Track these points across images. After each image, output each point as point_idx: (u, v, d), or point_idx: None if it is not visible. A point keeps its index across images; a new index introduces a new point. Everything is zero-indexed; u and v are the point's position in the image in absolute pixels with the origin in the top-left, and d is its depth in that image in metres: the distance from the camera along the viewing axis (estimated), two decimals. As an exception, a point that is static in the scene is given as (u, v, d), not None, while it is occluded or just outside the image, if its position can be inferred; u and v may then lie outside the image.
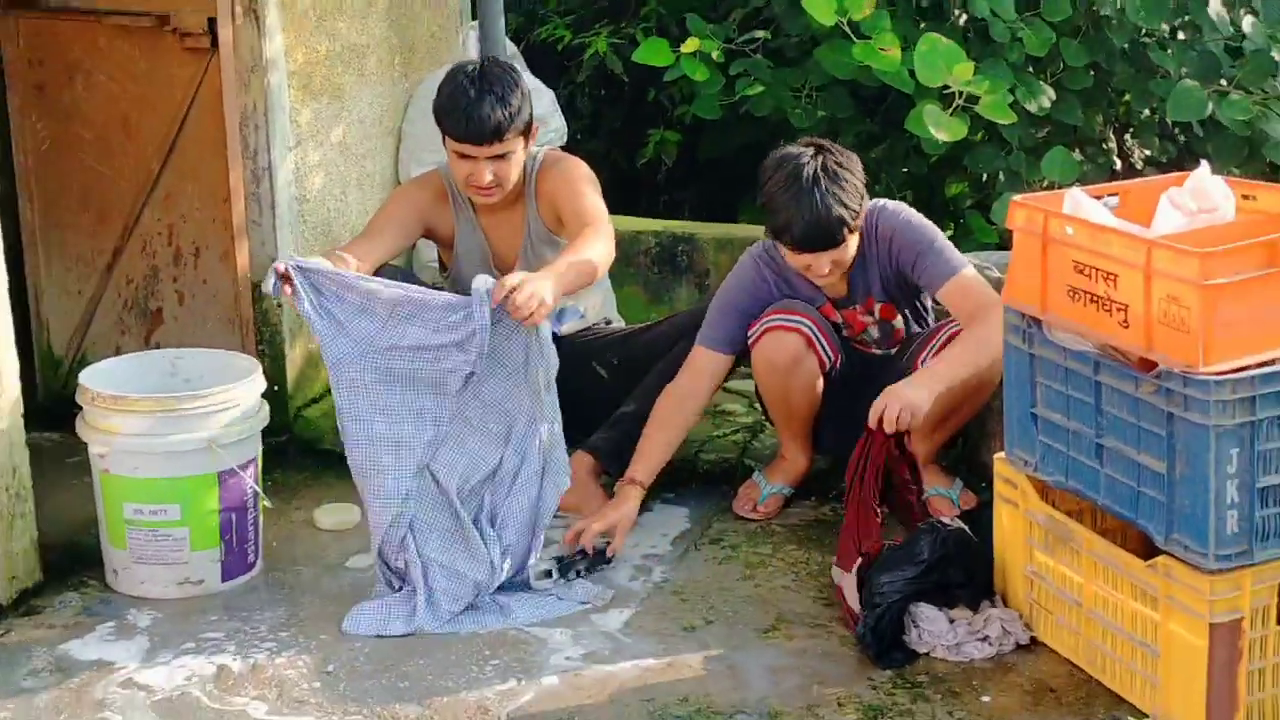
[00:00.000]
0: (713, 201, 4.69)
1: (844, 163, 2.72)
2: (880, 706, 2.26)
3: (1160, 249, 2.09)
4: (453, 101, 2.84)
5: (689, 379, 2.90)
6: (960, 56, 3.42)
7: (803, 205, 2.67)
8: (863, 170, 2.77)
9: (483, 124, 2.82)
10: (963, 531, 2.50)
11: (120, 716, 2.28)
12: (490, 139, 2.84)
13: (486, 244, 3.07)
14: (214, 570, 2.67)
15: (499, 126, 2.83)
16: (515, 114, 2.84)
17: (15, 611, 2.59)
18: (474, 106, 2.82)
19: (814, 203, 2.66)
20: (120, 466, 2.61)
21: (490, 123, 2.82)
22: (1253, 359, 2.05)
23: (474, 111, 2.81)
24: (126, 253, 3.38)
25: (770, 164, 2.76)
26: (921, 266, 2.78)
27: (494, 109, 2.81)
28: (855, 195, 2.71)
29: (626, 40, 4.44)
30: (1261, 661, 2.14)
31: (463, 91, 2.83)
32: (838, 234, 2.69)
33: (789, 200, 2.68)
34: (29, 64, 3.35)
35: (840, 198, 2.67)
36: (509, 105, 2.83)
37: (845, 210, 2.68)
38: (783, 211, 2.69)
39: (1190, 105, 3.58)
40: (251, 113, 3.20)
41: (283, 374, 3.32)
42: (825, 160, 2.71)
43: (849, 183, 2.70)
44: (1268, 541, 2.10)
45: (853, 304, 2.92)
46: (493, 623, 2.53)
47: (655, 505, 3.02)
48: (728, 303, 2.92)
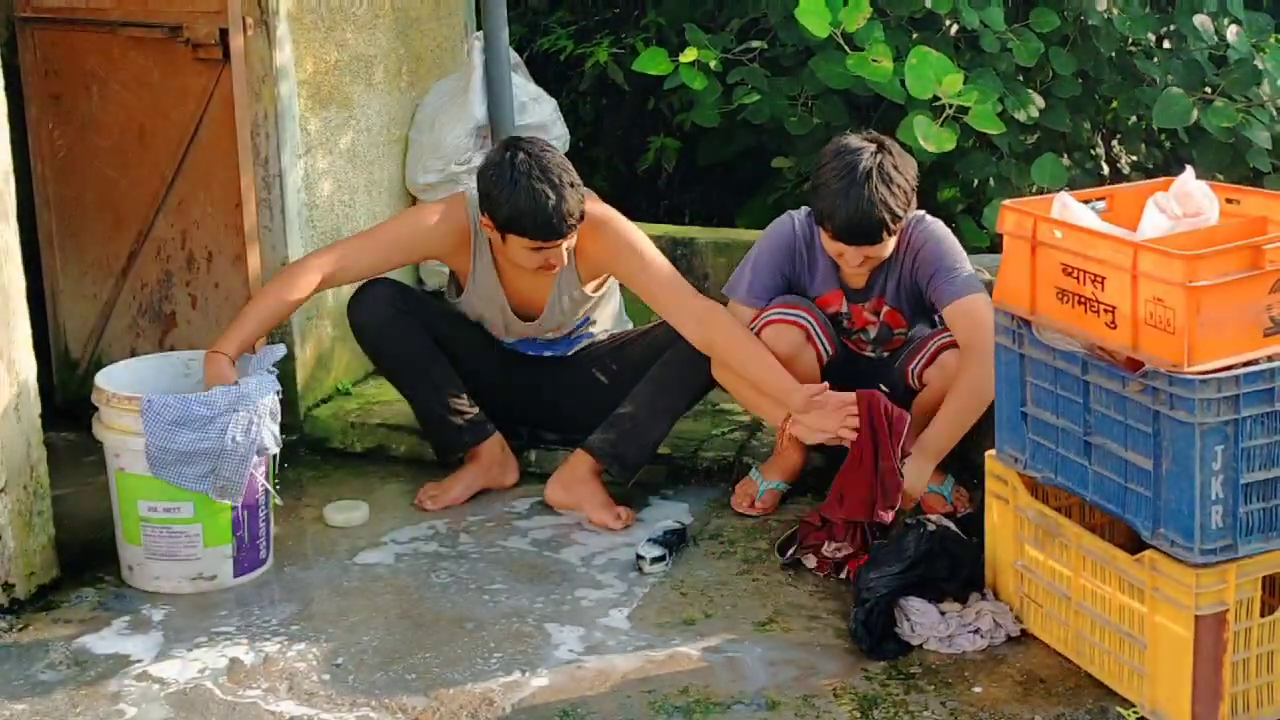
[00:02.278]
0: (711, 206, 4.74)
1: (900, 165, 2.73)
2: (875, 697, 2.30)
3: (1146, 252, 2.11)
4: (534, 204, 2.74)
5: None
6: (950, 69, 3.45)
7: (850, 198, 2.68)
8: (916, 175, 2.79)
9: (560, 220, 2.76)
10: (947, 528, 2.54)
11: (135, 709, 2.30)
12: (567, 233, 2.79)
13: (502, 290, 3.02)
14: (226, 566, 2.71)
15: (568, 220, 2.77)
16: (580, 207, 2.79)
17: (33, 606, 2.62)
18: (560, 204, 2.74)
19: (861, 198, 2.67)
20: (135, 465, 2.64)
21: (565, 218, 2.76)
22: (1236, 358, 2.08)
23: (560, 208, 2.74)
24: (141, 258, 3.41)
25: (830, 150, 2.77)
26: (936, 283, 2.79)
27: (563, 203, 2.74)
28: (903, 200, 2.72)
29: (627, 50, 4.48)
30: (1246, 652, 2.16)
31: (540, 194, 2.73)
32: (878, 233, 2.71)
33: (839, 190, 2.69)
34: (45, 74, 3.38)
35: (888, 200, 2.69)
36: (578, 187, 2.79)
37: (889, 213, 2.70)
38: (830, 199, 2.70)
39: (1176, 112, 3.62)
40: (262, 121, 3.24)
41: (293, 375, 3.35)
42: (883, 160, 2.71)
43: (899, 187, 2.71)
44: (1251, 536, 2.12)
45: (864, 300, 2.93)
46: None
47: (655, 501, 3.07)
48: (766, 260, 2.90)
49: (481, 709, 2.29)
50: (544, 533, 2.94)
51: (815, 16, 3.51)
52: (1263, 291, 2.10)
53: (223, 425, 2.58)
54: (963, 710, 2.26)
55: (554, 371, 3.18)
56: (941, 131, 3.46)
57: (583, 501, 2.98)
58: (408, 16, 3.76)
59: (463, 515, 3.02)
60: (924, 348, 2.86)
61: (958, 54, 3.78)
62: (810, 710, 2.27)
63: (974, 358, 2.69)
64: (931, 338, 2.87)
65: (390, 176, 3.73)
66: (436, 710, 2.28)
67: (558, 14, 4.94)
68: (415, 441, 3.29)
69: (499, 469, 3.12)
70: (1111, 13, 3.82)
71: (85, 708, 2.31)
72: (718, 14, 4.40)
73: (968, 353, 2.72)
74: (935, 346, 2.84)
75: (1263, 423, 2.10)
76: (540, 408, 3.21)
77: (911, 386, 2.89)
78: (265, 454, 2.68)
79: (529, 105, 3.77)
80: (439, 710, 2.28)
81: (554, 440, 3.24)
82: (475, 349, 3.13)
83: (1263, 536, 2.14)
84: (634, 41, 4.45)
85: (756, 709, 2.27)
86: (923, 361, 2.86)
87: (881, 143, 2.77)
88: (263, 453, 2.66)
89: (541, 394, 3.18)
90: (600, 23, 4.80)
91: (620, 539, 2.89)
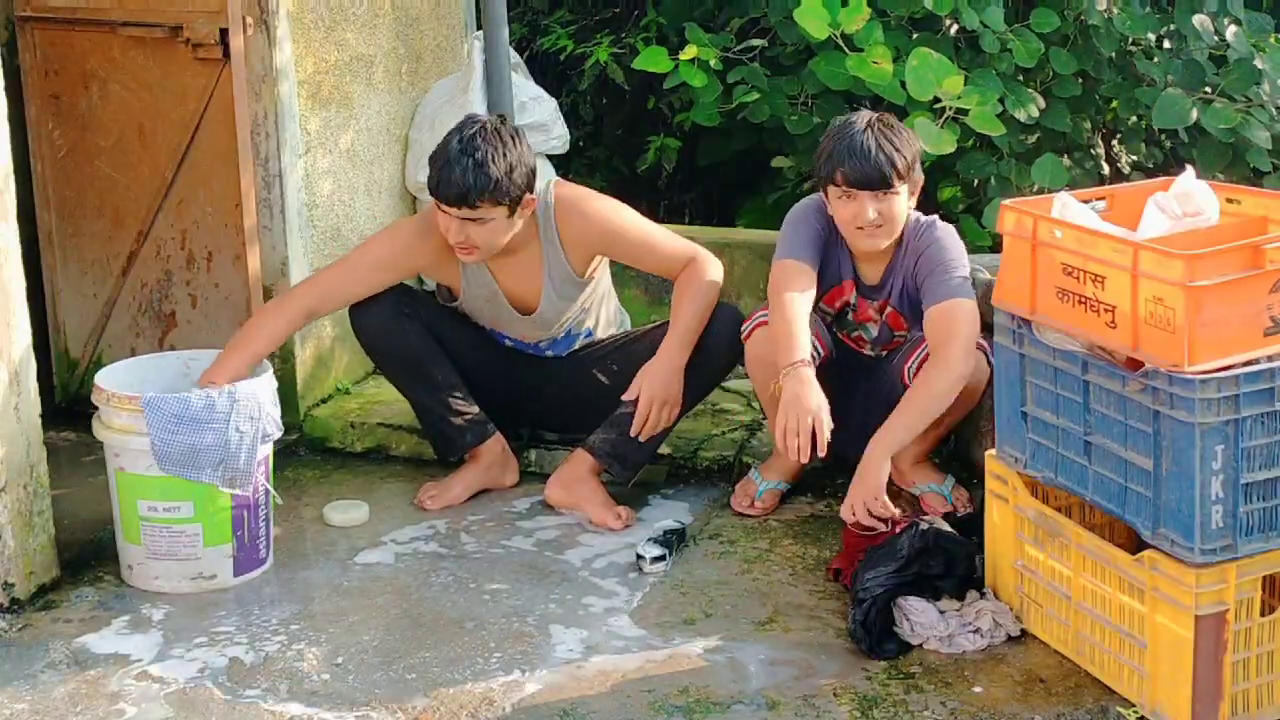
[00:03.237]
0: (712, 206, 4.75)
1: (895, 126, 2.79)
2: (875, 697, 2.30)
3: (1147, 251, 2.11)
4: (436, 156, 2.81)
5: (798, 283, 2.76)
6: (950, 70, 3.45)
7: (855, 144, 2.72)
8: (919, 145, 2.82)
9: (451, 187, 2.76)
10: (940, 526, 2.54)
11: (135, 708, 2.30)
12: (457, 203, 2.77)
13: (496, 285, 3.03)
14: (226, 565, 2.71)
15: (466, 193, 2.75)
16: (491, 185, 2.75)
17: (33, 606, 2.62)
18: (449, 168, 2.76)
19: (865, 142, 2.71)
20: (135, 465, 2.65)
21: (458, 188, 2.75)
22: (1236, 358, 2.08)
23: (447, 173, 2.76)
24: (141, 257, 3.42)
25: (828, 130, 2.83)
26: (928, 283, 2.79)
27: (465, 174, 2.75)
28: (908, 146, 2.75)
29: (627, 49, 4.48)
30: (1246, 652, 2.16)
31: (446, 149, 2.79)
32: (887, 172, 2.71)
33: (843, 145, 2.73)
34: (45, 74, 3.39)
35: (894, 141, 2.73)
36: (485, 174, 2.75)
37: (896, 153, 2.72)
38: (835, 155, 2.73)
39: (1176, 112, 3.63)
40: (262, 120, 3.24)
41: (293, 375, 3.36)
42: (880, 118, 2.78)
43: (902, 135, 2.76)
44: (1251, 536, 2.12)
45: (874, 297, 2.93)
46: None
47: (655, 501, 3.07)
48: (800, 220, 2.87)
49: (481, 709, 2.29)
50: (544, 533, 2.94)
51: (814, 18, 3.51)
52: (1263, 291, 2.10)
53: (225, 415, 2.59)
54: (963, 710, 2.26)
55: (554, 371, 3.18)
56: (942, 133, 3.46)
57: (583, 501, 2.99)
58: (408, 16, 3.76)
59: (463, 515, 3.03)
60: (918, 346, 2.87)
61: (957, 54, 3.79)
62: (810, 710, 2.27)
63: (940, 361, 2.69)
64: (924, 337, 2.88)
65: (390, 176, 3.73)
66: (436, 710, 2.28)
67: (558, 14, 4.94)
68: (415, 441, 3.29)
69: (499, 469, 3.13)
70: (1111, 13, 3.83)
71: (85, 708, 2.31)
72: (718, 14, 4.40)
73: (936, 354, 2.71)
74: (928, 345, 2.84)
75: (1263, 422, 2.10)
76: (541, 408, 3.21)
77: (906, 384, 2.89)
78: (269, 440, 2.68)
79: (529, 105, 3.77)
80: (439, 710, 2.28)
81: (554, 440, 3.24)
82: (476, 349, 3.13)
83: (1263, 536, 2.14)
84: (634, 41, 4.46)
85: (756, 709, 2.27)
86: (917, 362, 2.86)
87: (876, 113, 2.83)
88: (266, 439, 2.67)
89: (542, 394, 3.19)
90: (600, 22, 4.81)
91: (620, 539, 2.89)
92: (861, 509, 2.61)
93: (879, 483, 2.61)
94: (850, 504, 2.63)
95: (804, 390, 2.64)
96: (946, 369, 2.66)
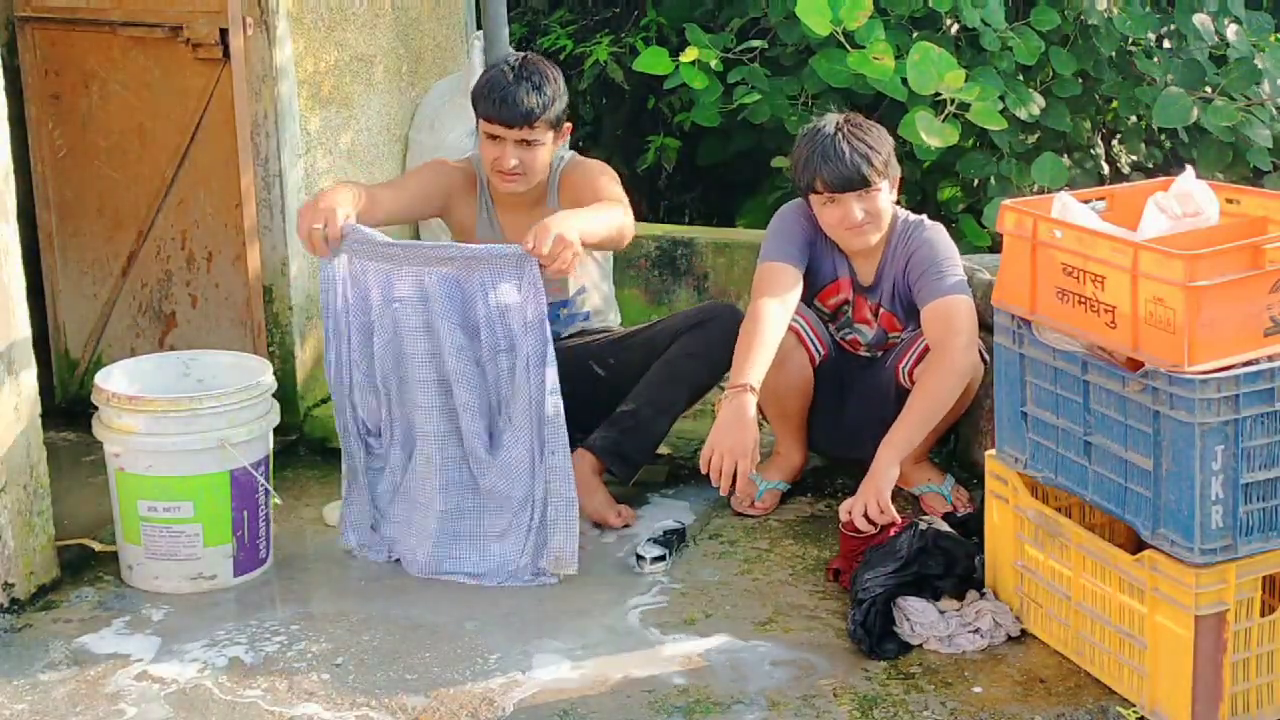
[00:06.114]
0: (712, 206, 4.75)
1: (864, 124, 2.81)
2: (875, 697, 2.30)
3: (1147, 252, 2.12)
4: (490, 83, 2.93)
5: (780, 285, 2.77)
6: (952, 65, 3.46)
7: (827, 149, 2.75)
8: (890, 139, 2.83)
9: (515, 106, 2.89)
10: (939, 527, 2.55)
11: (135, 708, 2.30)
12: (520, 123, 2.90)
13: (504, 240, 3.06)
14: (226, 566, 2.71)
15: (530, 112, 2.89)
16: (548, 104, 2.92)
17: (33, 606, 2.63)
18: (510, 90, 2.90)
19: (837, 144, 2.74)
20: (135, 465, 2.65)
21: (522, 107, 2.89)
22: (1236, 358, 2.09)
23: (508, 94, 2.89)
24: (141, 257, 3.42)
25: (799, 136, 2.86)
26: (922, 283, 2.80)
27: (528, 95, 2.89)
28: (881, 144, 2.77)
29: (627, 50, 4.49)
30: (1246, 652, 2.16)
31: (501, 75, 2.93)
32: (865, 172, 2.74)
33: (815, 151, 2.76)
34: (45, 74, 3.39)
35: (866, 140, 2.76)
36: (543, 94, 2.91)
37: (871, 150, 2.75)
38: (810, 164, 2.76)
39: (1176, 112, 3.63)
40: (262, 120, 3.25)
41: (293, 375, 3.36)
42: (847, 119, 2.81)
43: (873, 134, 2.78)
44: (1251, 536, 2.13)
45: (870, 297, 2.93)
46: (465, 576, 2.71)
47: (655, 500, 3.08)
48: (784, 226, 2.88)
49: (481, 709, 2.29)
50: (544, 532, 2.95)
51: (816, 14, 3.52)
52: (1263, 291, 2.10)
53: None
54: (963, 710, 2.27)
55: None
56: (944, 126, 3.47)
57: (583, 500, 2.98)
58: (408, 16, 3.76)
59: (463, 515, 3.03)
60: (913, 346, 2.87)
61: (958, 52, 3.79)
62: (810, 710, 2.27)
63: (941, 360, 2.69)
64: (920, 336, 2.88)
65: (390, 176, 3.73)
66: (436, 710, 2.29)
67: (558, 14, 4.95)
68: (415, 441, 3.29)
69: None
70: (1111, 12, 3.83)
71: (85, 708, 2.32)
72: (718, 14, 4.41)
73: (936, 353, 2.72)
74: (924, 344, 2.84)
75: (1263, 423, 2.10)
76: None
77: (903, 384, 2.89)
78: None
79: (529, 105, 3.77)
80: (439, 710, 2.29)
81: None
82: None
83: (1263, 536, 2.15)
84: (634, 41, 4.46)
85: (756, 709, 2.28)
86: (913, 360, 2.86)
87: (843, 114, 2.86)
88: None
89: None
90: (600, 22, 4.82)
91: (620, 538, 2.89)
92: (860, 511, 2.60)
93: (884, 487, 2.61)
94: (850, 504, 2.63)
95: (737, 423, 2.63)
96: (949, 365, 2.67)
